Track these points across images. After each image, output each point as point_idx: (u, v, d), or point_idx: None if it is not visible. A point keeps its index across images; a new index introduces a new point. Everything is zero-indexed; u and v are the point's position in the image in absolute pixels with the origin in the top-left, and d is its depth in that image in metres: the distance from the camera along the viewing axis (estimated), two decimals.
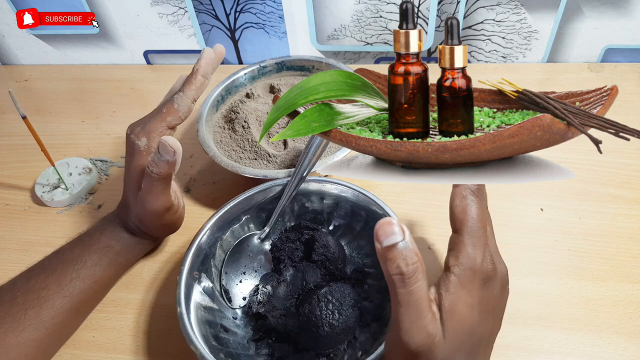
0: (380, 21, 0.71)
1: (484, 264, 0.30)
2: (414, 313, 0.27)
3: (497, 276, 0.30)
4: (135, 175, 0.45)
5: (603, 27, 0.68)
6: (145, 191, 0.43)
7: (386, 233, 0.27)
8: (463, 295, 0.29)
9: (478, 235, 0.30)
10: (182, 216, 0.49)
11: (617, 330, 0.43)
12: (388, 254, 0.27)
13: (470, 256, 0.29)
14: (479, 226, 0.30)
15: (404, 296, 0.27)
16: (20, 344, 0.40)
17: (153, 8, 0.73)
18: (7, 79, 0.82)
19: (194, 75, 0.46)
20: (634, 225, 0.51)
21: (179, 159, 0.41)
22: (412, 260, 0.27)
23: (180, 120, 0.46)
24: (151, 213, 0.44)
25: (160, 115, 0.45)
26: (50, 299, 0.43)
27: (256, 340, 0.43)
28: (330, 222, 0.50)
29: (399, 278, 0.27)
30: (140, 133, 0.44)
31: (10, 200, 0.61)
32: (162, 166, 0.41)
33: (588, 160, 0.57)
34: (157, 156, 0.41)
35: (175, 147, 0.41)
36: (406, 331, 0.28)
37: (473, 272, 0.29)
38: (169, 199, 0.44)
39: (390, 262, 0.27)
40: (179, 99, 0.46)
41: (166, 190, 0.43)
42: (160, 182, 0.42)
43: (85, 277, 0.45)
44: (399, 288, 0.27)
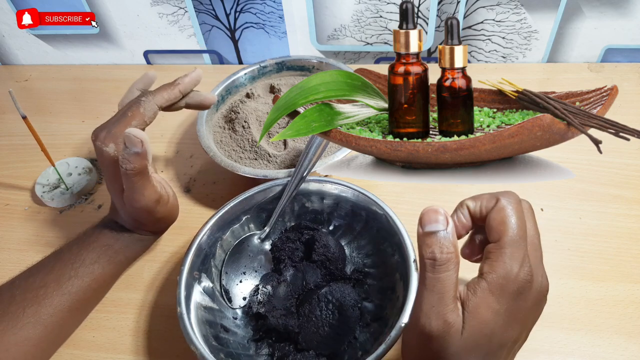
0: (380, 21, 0.71)
1: (521, 274, 0.29)
2: (436, 299, 0.28)
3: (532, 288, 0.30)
4: (112, 181, 0.44)
5: (603, 27, 0.68)
6: (129, 190, 0.42)
7: (430, 220, 0.28)
8: (490, 301, 0.29)
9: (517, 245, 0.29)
10: (175, 205, 0.49)
11: (617, 330, 0.43)
12: (427, 239, 0.28)
13: (507, 266, 0.29)
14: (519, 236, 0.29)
15: (431, 281, 0.28)
16: (18, 342, 0.40)
17: (153, 8, 0.73)
18: (7, 79, 0.82)
19: (172, 86, 0.46)
20: (634, 225, 0.51)
21: (149, 147, 0.41)
22: (447, 249, 0.28)
23: (144, 125, 0.45)
24: (142, 210, 0.44)
25: (125, 119, 0.44)
26: (49, 297, 0.42)
27: (256, 340, 0.43)
28: (330, 222, 0.50)
29: (431, 263, 0.28)
30: (107, 139, 0.43)
31: (10, 200, 0.61)
32: (134, 160, 0.40)
33: (588, 160, 0.57)
34: (125, 151, 0.40)
35: (140, 137, 0.40)
36: (425, 314, 0.28)
37: (506, 281, 0.29)
38: (154, 191, 0.44)
39: (426, 247, 0.28)
40: (146, 103, 0.45)
41: (148, 184, 0.43)
42: (139, 177, 0.41)
43: (84, 275, 0.44)
44: (428, 272, 0.28)
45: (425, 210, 0.29)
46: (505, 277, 0.29)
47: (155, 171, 0.48)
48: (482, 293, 0.29)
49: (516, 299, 0.29)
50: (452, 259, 0.28)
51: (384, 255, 0.46)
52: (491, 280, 0.29)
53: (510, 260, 0.29)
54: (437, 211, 0.29)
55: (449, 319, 0.28)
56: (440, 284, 0.28)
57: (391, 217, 0.44)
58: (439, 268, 0.28)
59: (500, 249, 0.29)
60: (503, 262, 0.29)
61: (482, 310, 0.29)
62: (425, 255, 0.28)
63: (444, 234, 0.28)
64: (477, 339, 0.29)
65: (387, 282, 0.44)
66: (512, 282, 0.29)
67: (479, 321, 0.28)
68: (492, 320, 0.29)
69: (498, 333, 0.29)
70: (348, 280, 0.46)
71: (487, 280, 0.29)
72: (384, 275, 0.45)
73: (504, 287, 0.29)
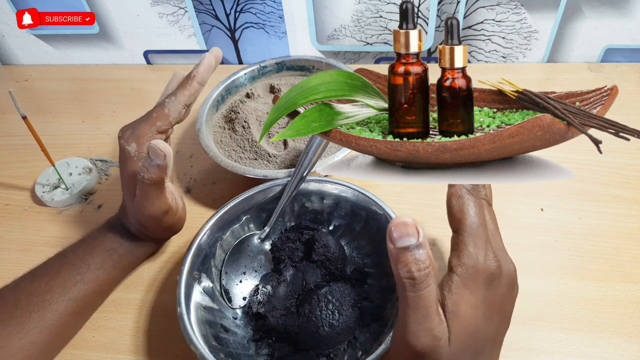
0: (380, 21, 0.71)
1: (487, 262, 0.29)
2: (421, 316, 0.27)
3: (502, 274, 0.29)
4: (128, 181, 0.44)
5: (603, 27, 0.68)
6: (140, 197, 0.43)
7: (401, 234, 0.26)
8: (466, 295, 0.28)
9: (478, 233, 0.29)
10: (182, 217, 0.49)
11: (617, 330, 0.43)
12: (400, 256, 0.27)
13: (472, 255, 0.29)
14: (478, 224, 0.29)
15: (413, 299, 0.27)
16: (23, 346, 0.40)
17: (153, 8, 0.73)
18: (7, 79, 0.82)
19: (190, 81, 0.46)
20: (634, 225, 0.51)
21: (170, 162, 0.41)
22: (424, 265, 0.26)
23: (170, 125, 0.45)
24: (149, 218, 0.44)
25: (150, 119, 0.45)
26: (55, 302, 0.43)
27: (256, 340, 0.43)
28: (330, 222, 0.50)
29: (410, 282, 0.27)
30: (130, 138, 0.44)
31: (10, 200, 0.61)
32: (153, 171, 0.40)
33: (588, 160, 0.57)
34: (147, 161, 0.40)
35: (165, 151, 0.40)
36: (412, 333, 0.28)
37: (476, 272, 0.28)
38: (165, 202, 0.44)
39: (401, 265, 0.27)
40: (170, 104, 0.45)
41: (161, 195, 0.43)
42: (154, 187, 0.42)
43: (90, 280, 0.45)
44: (409, 292, 0.27)
45: (394, 224, 0.27)
46: (474, 267, 0.28)
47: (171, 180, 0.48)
48: (457, 289, 0.28)
49: (489, 288, 0.29)
50: (430, 273, 0.27)
51: (384, 255, 0.46)
52: (461, 274, 0.28)
53: (475, 249, 0.29)
54: (405, 223, 0.27)
55: (437, 333, 0.27)
56: (423, 300, 0.27)
57: (391, 217, 0.44)
58: (419, 286, 0.27)
59: (463, 239, 0.29)
60: (468, 252, 0.29)
61: (462, 307, 0.28)
62: (402, 275, 0.27)
63: (418, 250, 0.26)
64: (464, 340, 0.28)
65: (387, 282, 0.44)
66: (482, 271, 0.29)
67: (462, 321, 0.28)
68: (473, 315, 0.28)
69: (481, 327, 0.29)
70: (348, 280, 0.46)
71: (458, 274, 0.29)
72: (384, 275, 0.45)
73: (475, 278, 0.28)
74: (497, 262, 0.29)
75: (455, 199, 0.30)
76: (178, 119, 0.46)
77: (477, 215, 0.30)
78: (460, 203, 0.30)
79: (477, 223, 0.29)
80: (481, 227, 0.30)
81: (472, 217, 0.29)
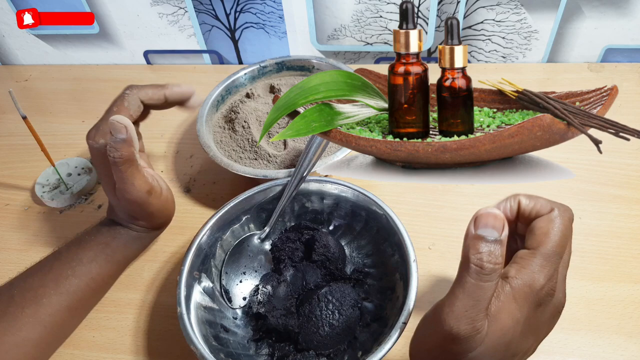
0: (380, 21, 0.71)
1: (546, 288, 0.29)
2: (471, 304, 0.27)
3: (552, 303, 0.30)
4: (106, 175, 0.44)
5: (603, 27, 0.68)
6: (119, 182, 0.43)
7: (486, 224, 0.27)
8: (512, 307, 0.28)
9: (551, 259, 0.29)
10: (170, 199, 0.48)
11: (617, 330, 0.43)
12: (477, 243, 0.27)
13: (535, 276, 0.28)
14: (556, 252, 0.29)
15: (472, 286, 0.27)
16: (18, 342, 0.40)
17: (153, 8, 0.73)
18: (7, 79, 0.82)
19: (160, 88, 0.47)
20: (634, 225, 0.51)
21: (134, 134, 0.41)
22: (496, 259, 0.27)
23: (131, 119, 0.45)
24: (134, 202, 0.44)
25: (111, 114, 0.45)
26: (48, 296, 0.42)
27: (256, 340, 0.43)
28: (330, 222, 0.50)
29: (476, 270, 0.27)
30: (97, 135, 0.44)
31: (10, 200, 0.61)
32: (120, 147, 0.41)
33: (588, 160, 0.57)
34: (111, 139, 0.41)
35: (124, 123, 0.40)
36: (456, 316, 0.28)
37: (530, 291, 0.28)
38: (145, 181, 0.44)
39: (474, 251, 0.27)
40: (130, 97, 0.46)
41: (137, 174, 0.43)
42: (127, 165, 0.42)
43: (82, 274, 0.44)
44: (471, 277, 0.27)
45: (484, 213, 0.27)
46: (531, 285, 0.28)
47: (151, 167, 0.48)
48: (506, 298, 0.28)
49: (536, 310, 0.29)
50: (498, 270, 0.27)
51: (383, 255, 0.46)
52: (516, 286, 0.28)
53: (540, 271, 0.29)
54: (496, 216, 0.27)
55: (478, 325, 0.28)
56: (481, 291, 0.27)
57: (391, 217, 0.44)
58: (484, 277, 0.27)
59: (533, 258, 0.29)
60: (532, 270, 0.29)
61: (504, 316, 0.28)
62: (471, 259, 0.27)
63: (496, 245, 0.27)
64: (496, 345, 0.28)
65: (387, 282, 0.44)
66: (536, 292, 0.29)
67: (500, 327, 0.28)
68: (511, 327, 0.28)
69: (514, 342, 0.29)
70: (348, 280, 0.46)
71: (511, 285, 0.29)
72: (383, 275, 0.45)
73: (527, 296, 0.28)
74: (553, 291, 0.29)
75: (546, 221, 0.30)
76: (138, 113, 0.46)
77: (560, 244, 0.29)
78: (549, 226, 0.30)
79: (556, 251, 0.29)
80: (557, 256, 0.29)
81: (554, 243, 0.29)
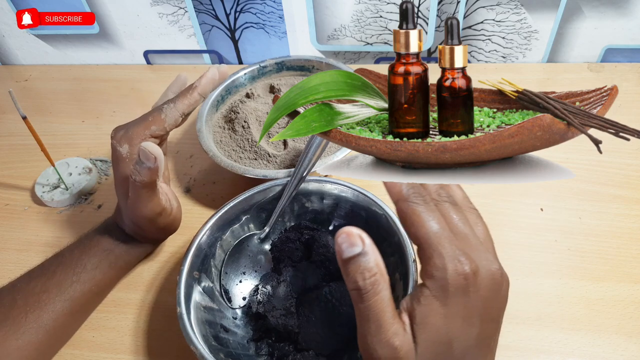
0: (380, 21, 0.71)
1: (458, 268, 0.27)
2: (374, 328, 0.26)
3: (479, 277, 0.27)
4: (121, 182, 0.44)
5: (603, 27, 0.68)
6: (133, 199, 0.43)
7: (345, 245, 0.26)
8: (436, 306, 0.27)
9: (440, 242, 0.27)
10: (177, 218, 0.49)
11: (617, 330, 0.43)
12: (347, 268, 0.26)
13: (438, 266, 0.27)
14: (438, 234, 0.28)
15: (363, 311, 0.26)
16: (20, 347, 0.40)
17: (153, 8, 0.73)
18: (7, 79, 0.82)
19: (191, 91, 0.45)
20: (634, 225, 0.51)
21: (162, 165, 0.41)
22: (370, 273, 0.26)
23: (164, 132, 0.45)
24: (143, 219, 0.44)
25: (145, 122, 0.44)
26: (51, 302, 0.42)
27: (256, 340, 0.43)
28: (330, 222, 0.50)
29: (356, 293, 0.26)
30: (123, 138, 0.43)
31: (10, 200, 0.61)
32: (145, 174, 0.40)
33: (588, 160, 0.57)
34: (138, 164, 0.40)
35: (155, 153, 0.39)
36: (369, 345, 0.27)
37: (445, 282, 0.27)
38: (158, 204, 0.44)
39: (347, 277, 0.26)
40: (168, 110, 0.44)
41: (153, 197, 0.43)
42: (146, 189, 0.41)
43: (86, 280, 0.45)
44: (357, 303, 0.27)
45: (338, 236, 0.26)
46: (442, 277, 0.27)
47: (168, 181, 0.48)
48: (426, 300, 0.27)
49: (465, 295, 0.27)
50: (377, 281, 0.26)
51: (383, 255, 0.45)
52: (431, 285, 0.27)
53: (440, 259, 0.27)
54: (349, 233, 0.26)
55: (395, 343, 0.26)
56: (373, 310, 0.26)
57: (391, 217, 0.44)
58: (366, 296, 0.26)
59: (423, 251, 0.28)
60: (433, 263, 0.27)
61: (431, 318, 0.27)
62: (349, 286, 0.26)
63: (364, 257, 0.26)
64: (434, 350, 0.27)
65: None
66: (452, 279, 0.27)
67: (431, 331, 0.27)
68: (444, 325, 0.27)
69: (459, 336, 0.28)
70: None
71: (427, 286, 0.27)
72: None
73: (445, 288, 0.27)
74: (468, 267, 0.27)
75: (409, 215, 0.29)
76: (174, 127, 0.45)
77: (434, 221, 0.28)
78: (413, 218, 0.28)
79: (437, 233, 0.28)
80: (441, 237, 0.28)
81: (427, 226, 0.28)
